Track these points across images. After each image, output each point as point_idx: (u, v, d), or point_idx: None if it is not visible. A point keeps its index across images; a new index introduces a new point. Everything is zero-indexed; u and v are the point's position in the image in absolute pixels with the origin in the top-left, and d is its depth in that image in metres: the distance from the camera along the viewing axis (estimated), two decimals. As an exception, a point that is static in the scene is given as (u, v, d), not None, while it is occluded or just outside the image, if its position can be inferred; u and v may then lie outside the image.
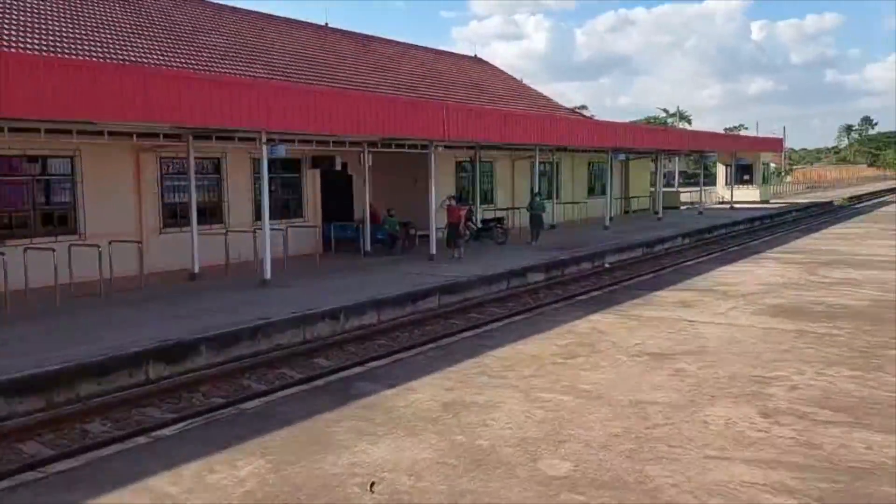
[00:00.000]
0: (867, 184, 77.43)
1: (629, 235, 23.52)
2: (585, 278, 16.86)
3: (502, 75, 36.64)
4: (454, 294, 13.88)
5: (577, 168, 31.48)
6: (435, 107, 17.23)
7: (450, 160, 24.18)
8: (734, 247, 21.22)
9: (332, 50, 26.72)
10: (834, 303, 10.74)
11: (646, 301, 11.36)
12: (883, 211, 32.58)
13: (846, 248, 17.95)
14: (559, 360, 7.81)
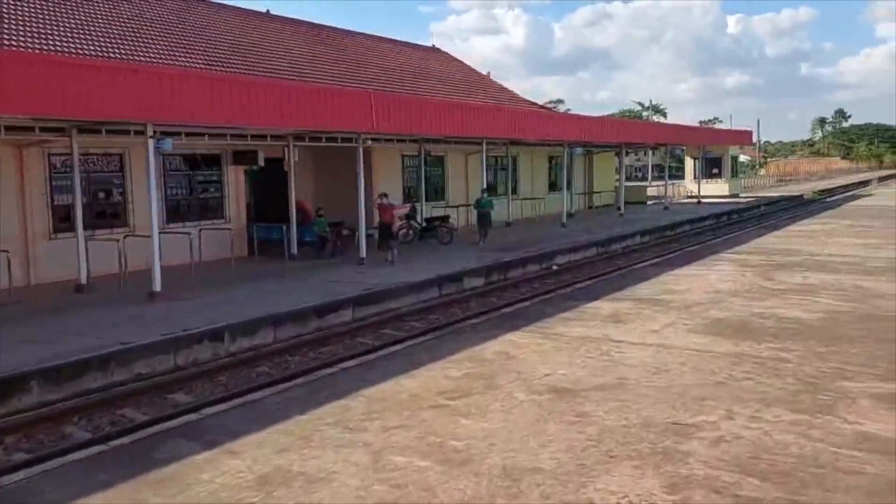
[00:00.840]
0: (840, 177, 77.17)
1: (586, 234, 22.19)
2: (528, 283, 15.46)
3: (463, 67, 35.13)
4: (373, 305, 12.39)
5: (536, 163, 30.11)
6: (360, 96, 15.68)
7: (394, 155, 22.67)
8: (692, 246, 19.96)
9: (274, 39, 25.01)
10: (785, 316, 9.40)
11: (577, 314, 9.95)
12: (852, 206, 31.58)
13: (809, 247, 16.73)
14: (443, 400, 6.36)
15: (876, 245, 16.72)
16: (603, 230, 23.23)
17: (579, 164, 33.61)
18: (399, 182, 22.82)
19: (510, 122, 21.16)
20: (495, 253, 17.80)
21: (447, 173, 25.00)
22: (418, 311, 12.56)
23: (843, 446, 5.10)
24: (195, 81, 12.62)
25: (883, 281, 11.84)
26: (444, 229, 19.64)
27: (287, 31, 26.34)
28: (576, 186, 33.09)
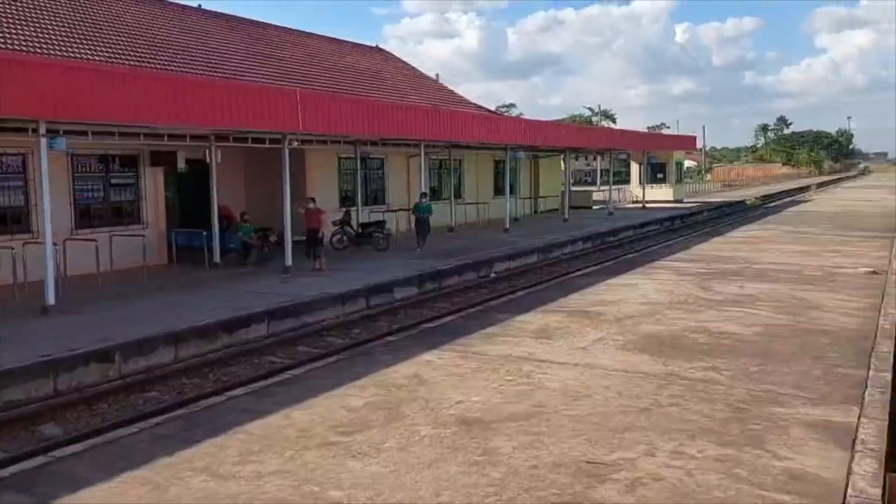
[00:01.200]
0: (781, 182, 79.10)
1: (528, 240, 21.70)
2: (462, 293, 14.81)
3: (404, 67, 34.41)
4: (291, 318, 11.54)
5: (481, 167, 29.58)
6: (286, 95, 14.78)
7: (331, 157, 21.80)
8: (632, 253, 19.63)
9: (201, 34, 23.83)
10: (720, 330, 8.94)
11: (503, 329, 9.31)
12: (792, 211, 31.97)
13: (748, 254, 16.52)
14: (335, 436, 5.61)
15: (813, 252, 16.62)
16: (546, 236, 22.78)
17: (525, 168, 33.25)
18: (335, 185, 21.95)
19: (448, 124, 20.50)
20: (433, 260, 17.12)
21: (387, 176, 24.24)
22: (341, 324, 11.77)
23: (771, 488, 4.54)
24: (92, 75, 11.57)
25: (819, 291, 11.56)
26: (379, 235, 18.86)
27: (217, 27, 25.17)
28: (522, 191, 32.70)
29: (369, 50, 33.85)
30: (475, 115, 23.62)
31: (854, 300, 10.81)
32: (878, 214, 27.94)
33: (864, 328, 9.05)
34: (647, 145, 36.22)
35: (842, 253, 16.40)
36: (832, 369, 7.22)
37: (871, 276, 13.15)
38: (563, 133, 26.49)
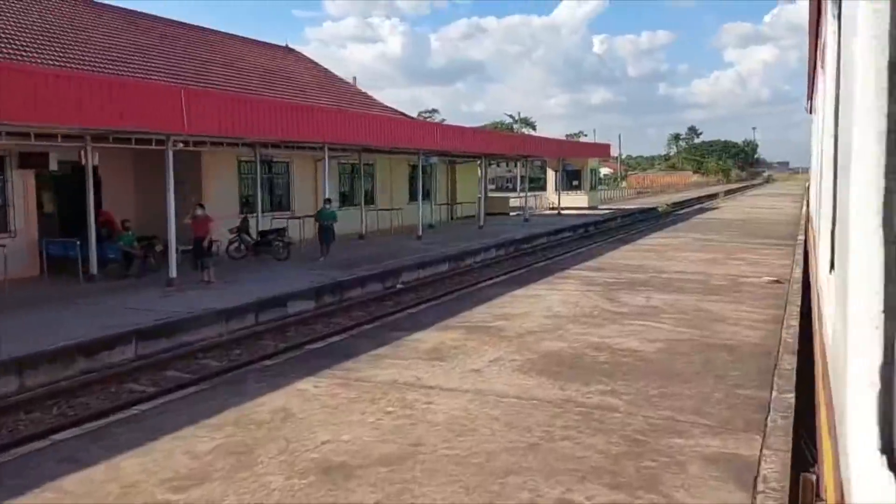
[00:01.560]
0: (692, 190, 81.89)
1: (440, 247, 21.07)
2: (363, 306, 13.97)
3: (316, 69, 33.30)
4: (166, 338, 10.42)
5: (396, 171, 28.83)
6: (169, 92, 13.60)
7: (230, 159, 20.55)
8: (544, 261, 19.30)
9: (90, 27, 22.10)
10: (622, 347, 8.46)
11: (394, 349, 8.55)
12: (700, 219, 32.64)
13: (656, 262, 16.38)
14: (164, 492, 4.67)
15: (720, 260, 16.65)
16: (459, 243, 22.23)
17: (442, 174, 32.74)
18: (235, 190, 20.71)
19: (355, 127, 19.64)
20: (336, 270, 16.22)
21: (293, 181, 23.12)
22: (223, 344, 10.73)
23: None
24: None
25: (724, 302, 11.34)
26: (279, 244, 17.79)
27: (110, 20, 23.46)
28: (438, 197, 32.16)
29: (279, 50, 32.58)
30: (383, 118, 22.81)
31: (758, 311, 10.62)
32: (781, 222, 28.81)
33: (767, 342, 8.77)
34: (562, 152, 36.37)
35: (747, 261, 16.49)
36: (734, 390, 6.80)
37: (774, 285, 13.12)
38: (477, 139, 26.04)
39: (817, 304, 4.73)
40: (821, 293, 3.93)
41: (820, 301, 3.92)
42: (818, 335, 3.98)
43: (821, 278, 4.03)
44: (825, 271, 3.53)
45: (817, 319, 4.43)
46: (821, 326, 3.66)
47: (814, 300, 6.16)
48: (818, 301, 4.57)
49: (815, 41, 6.76)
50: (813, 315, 6.38)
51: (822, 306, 3.66)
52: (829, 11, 3.31)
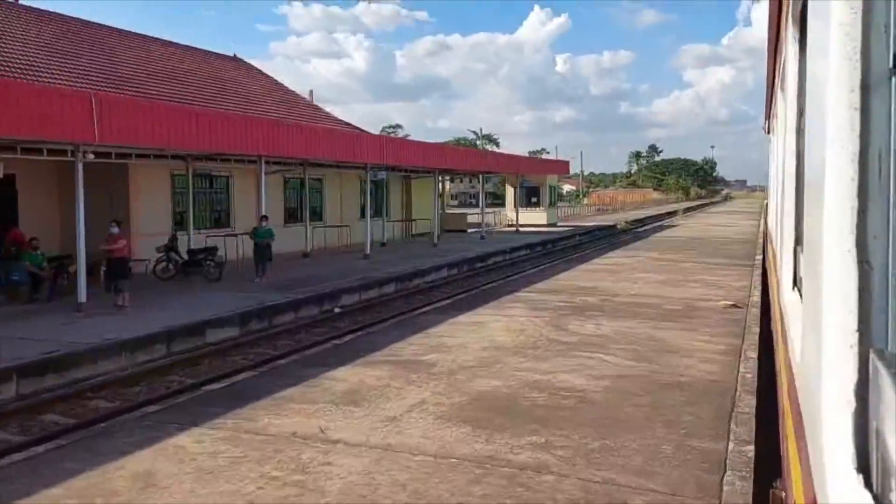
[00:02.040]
0: (652, 207, 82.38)
1: (389, 267, 20.03)
2: (291, 334, 12.84)
3: (264, 79, 32.15)
4: (56, 374, 9.16)
5: (346, 186, 27.75)
6: (78, 98, 12.35)
7: (162, 173, 19.25)
8: (495, 281, 18.40)
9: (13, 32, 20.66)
10: (565, 385, 7.51)
11: (304, 390, 7.46)
12: (659, 237, 32.23)
13: (611, 284, 15.59)
14: None
15: (676, 281, 15.93)
16: (409, 263, 21.22)
17: (397, 189, 31.76)
18: (167, 206, 19.39)
19: (293, 139, 18.51)
20: (271, 293, 15.06)
21: (233, 196, 21.87)
22: (124, 380, 9.49)
23: None
24: None
25: (679, 329, 10.52)
26: (210, 263, 16.53)
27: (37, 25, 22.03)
28: (392, 213, 31.15)
29: (226, 60, 31.35)
30: (324, 130, 21.55)
31: (714, 341, 9.80)
32: (738, 240, 28.46)
33: (724, 378, 7.92)
34: (520, 168, 35.69)
35: (704, 282, 15.80)
36: (686, 441, 5.89)
37: (731, 309, 12.38)
38: (429, 153, 25.12)
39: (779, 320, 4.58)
40: (784, 310, 3.84)
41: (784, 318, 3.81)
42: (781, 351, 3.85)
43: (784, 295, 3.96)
44: (788, 288, 3.55)
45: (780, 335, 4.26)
46: (785, 343, 3.53)
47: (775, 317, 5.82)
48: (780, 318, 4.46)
49: (774, 64, 6.78)
50: (774, 330, 6.03)
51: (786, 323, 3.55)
52: (790, 35, 3.31)
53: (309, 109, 31.46)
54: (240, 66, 31.58)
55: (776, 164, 8.33)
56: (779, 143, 6.69)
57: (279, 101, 29.61)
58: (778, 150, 7.16)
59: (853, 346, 1.13)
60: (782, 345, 3.72)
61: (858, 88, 1.09)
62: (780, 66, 5.22)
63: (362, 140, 21.74)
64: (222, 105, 23.86)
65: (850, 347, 1.14)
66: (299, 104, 31.12)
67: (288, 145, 18.51)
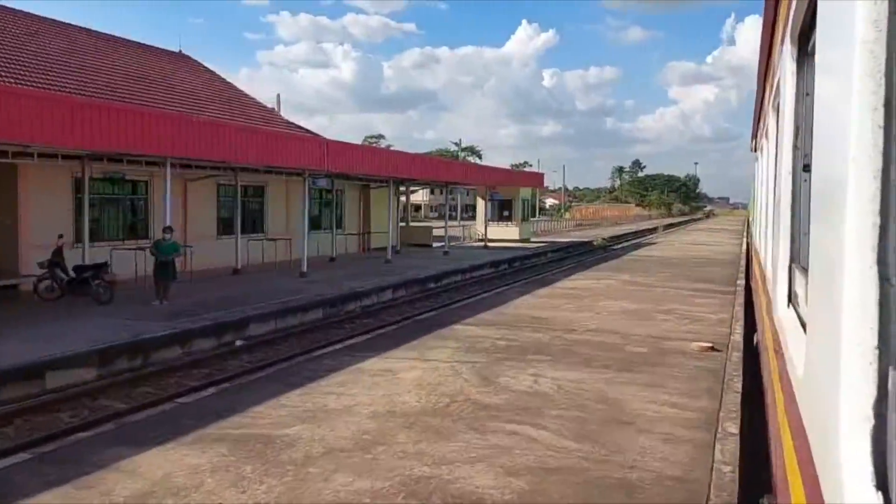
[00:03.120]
0: (632, 222, 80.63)
1: (325, 287, 17.62)
2: (157, 378, 10.32)
3: (211, 78, 29.69)
4: None
5: (293, 196, 25.31)
6: None
7: (61, 177, 16.71)
8: (438, 308, 16.05)
9: None
10: (459, 489, 5.12)
11: (71, 492, 5.02)
12: (635, 255, 30.02)
13: (570, 314, 13.28)
14: None
15: (645, 312, 13.66)
16: (352, 282, 18.81)
17: (353, 200, 29.38)
18: (68, 215, 16.84)
19: (208, 139, 16.03)
20: (163, 320, 12.60)
21: (151, 203, 19.38)
22: None
23: None
24: None
25: (638, 385, 8.19)
26: (99, 283, 14.00)
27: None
28: (347, 226, 28.75)
29: (170, 56, 28.87)
30: (245, 130, 18.79)
31: (683, 403, 7.48)
32: (719, 261, 26.32)
33: (692, 471, 5.60)
34: (488, 179, 33.40)
35: (678, 314, 13.54)
36: None
37: (708, 353, 10.10)
38: (378, 160, 22.57)
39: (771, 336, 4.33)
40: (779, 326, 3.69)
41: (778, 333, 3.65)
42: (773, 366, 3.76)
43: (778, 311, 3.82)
44: (783, 305, 3.62)
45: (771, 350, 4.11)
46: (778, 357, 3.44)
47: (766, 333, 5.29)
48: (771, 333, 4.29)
49: (765, 82, 6.72)
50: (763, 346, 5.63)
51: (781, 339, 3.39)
52: (787, 54, 3.37)
53: (262, 113, 29.04)
54: (186, 63, 29.12)
55: (765, 182, 8.20)
56: (770, 161, 6.48)
57: (225, 102, 27.16)
58: (769, 168, 6.95)
59: (872, 362, 1.15)
60: (775, 359, 3.70)
61: (882, 106, 1.12)
62: (773, 84, 5.12)
63: (294, 143, 19.22)
64: (150, 103, 21.38)
65: (869, 364, 1.15)
66: (250, 106, 28.67)
67: (195, 145, 15.98)
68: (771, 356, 4.10)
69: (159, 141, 14.22)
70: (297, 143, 19.47)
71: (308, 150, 18.81)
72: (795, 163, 3.51)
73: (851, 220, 1.17)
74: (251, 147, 16.97)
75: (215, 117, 23.53)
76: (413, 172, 25.40)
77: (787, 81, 3.50)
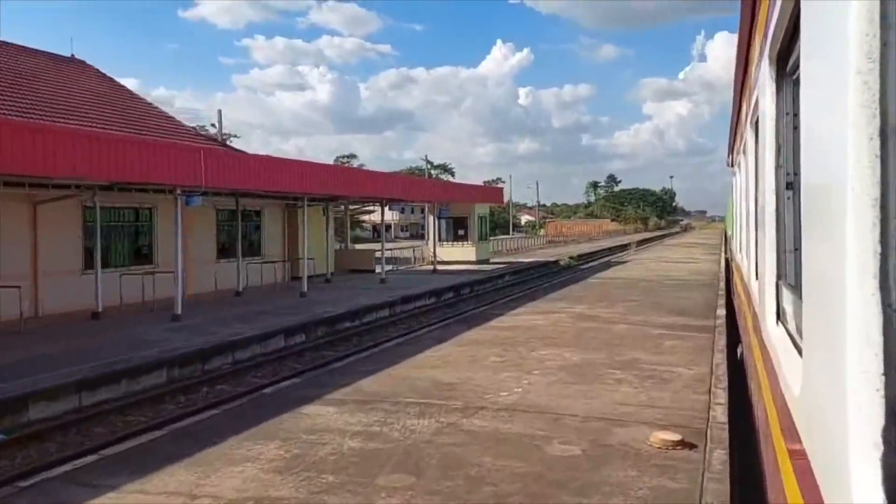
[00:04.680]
0: (606, 238, 77.47)
1: (193, 336, 13.70)
2: None
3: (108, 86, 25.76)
4: None
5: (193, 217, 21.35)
6: None
7: None
8: (314, 368, 12.19)
9: None
10: None
11: None
12: (601, 277, 26.32)
13: (488, 374, 9.49)
14: None
15: (593, 368, 9.91)
16: (236, 327, 14.89)
17: (275, 221, 25.46)
18: None
19: (39, 149, 12.14)
20: None
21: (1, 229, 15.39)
22: None
23: None
24: None
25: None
26: None
27: None
28: (268, 251, 24.83)
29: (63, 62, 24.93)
30: (73, 135, 14.66)
31: None
32: (695, 283, 22.73)
33: None
34: (437, 196, 29.64)
35: (638, 368, 9.80)
36: None
37: (676, 452, 6.34)
38: (286, 174, 18.53)
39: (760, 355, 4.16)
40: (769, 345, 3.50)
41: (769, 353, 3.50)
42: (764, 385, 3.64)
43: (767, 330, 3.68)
44: (772, 323, 3.56)
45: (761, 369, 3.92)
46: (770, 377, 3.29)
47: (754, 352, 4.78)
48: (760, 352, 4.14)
49: (741, 98, 6.80)
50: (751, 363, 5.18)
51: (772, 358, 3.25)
52: (767, 74, 3.34)
53: (163, 121, 25.11)
54: (81, 69, 25.18)
55: (744, 198, 8.00)
56: (749, 178, 6.29)
57: (116, 111, 23.21)
58: (748, 183, 6.67)
59: (879, 389, 1.15)
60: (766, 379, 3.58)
61: (878, 136, 1.13)
62: (751, 101, 5.02)
63: (155, 152, 15.19)
64: (29, 112, 17.45)
65: (876, 391, 1.16)
66: (149, 114, 24.74)
67: (37, 158, 12.14)
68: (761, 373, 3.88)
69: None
70: (159, 152, 15.48)
71: (177, 161, 14.85)
72: (779, 181, 3.46)
73: (852, 247, 1.18)
74: (88, 159, 12.98)
75: (101, 127, 19.65)
76: (337, 188, 21.51)
77: (766, 100, 3.49)
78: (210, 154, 15.97)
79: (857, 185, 1.16)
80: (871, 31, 1.11)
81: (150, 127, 23.10)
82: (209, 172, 15.31)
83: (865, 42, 1.12)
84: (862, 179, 1.15)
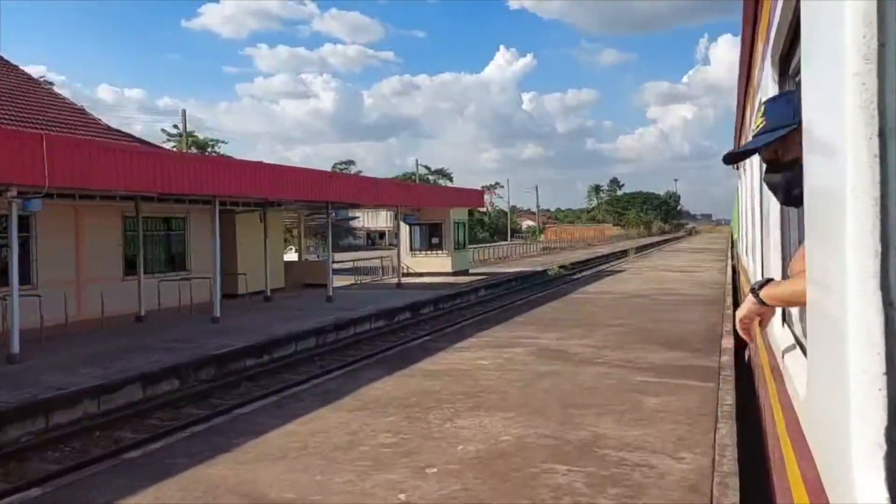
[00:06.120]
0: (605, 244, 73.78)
1: (54, 375, 10.03)
2: None
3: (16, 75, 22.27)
4: None
5: (92, 229, 17.78)
6: None
7: None
8: (185, 429, 8.50)
9: None
10: None
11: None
12: (586, 292, 22.53)
13: (342, 484, 5.81)
14: None
15: (525, 453, 6.22)
16: (83, 373, 11.25)
17: (202, 229, 21.84)
18: None
19: None
20: None
21: None
22: None
23: None
24: None
25: None
26: None
27: None
28: (196, 264, 21.24)
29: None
30: None
31: None
32: (697, 300, 18.98)
33: None
34: (398, 199, 25.91)
35: (595, 459, 6.10)
36: None
37: None
38: (180, 171, 14.64)
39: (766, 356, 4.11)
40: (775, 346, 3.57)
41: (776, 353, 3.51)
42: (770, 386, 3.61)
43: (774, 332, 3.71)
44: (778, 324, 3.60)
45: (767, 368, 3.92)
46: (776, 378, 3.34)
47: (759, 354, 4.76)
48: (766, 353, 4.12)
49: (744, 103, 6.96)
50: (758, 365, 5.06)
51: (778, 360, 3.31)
52: (769, 77, 3.46)
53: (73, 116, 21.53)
54: None
55: (750, 199, 8.03)
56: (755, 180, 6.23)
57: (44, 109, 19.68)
58: (753, 185, 6.73)
59: (881, 388, 1.16)
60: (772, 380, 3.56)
61: (877, 136, 1.15)
62: (754, 104, 5.16)
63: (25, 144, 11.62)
64: None
65: (878, 390, 1.16)
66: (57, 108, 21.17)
67: None
68: (768, 376, 3.95)
69: None
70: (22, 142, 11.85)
71: (7, 150, 11.16)
72: None
73: (852, 247, 1.20)
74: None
75: None
76: (258, 189, 17.86)
77: None
78: (57, 143, 12.31)
79: (856, 185, 1.18)
80: (868, 32, 1.13)
81: (55, 119, 19.55)
82: (55, 166, 11.66)
83: (863, 44, 1.14)
84: (862, 179, 1.17)
